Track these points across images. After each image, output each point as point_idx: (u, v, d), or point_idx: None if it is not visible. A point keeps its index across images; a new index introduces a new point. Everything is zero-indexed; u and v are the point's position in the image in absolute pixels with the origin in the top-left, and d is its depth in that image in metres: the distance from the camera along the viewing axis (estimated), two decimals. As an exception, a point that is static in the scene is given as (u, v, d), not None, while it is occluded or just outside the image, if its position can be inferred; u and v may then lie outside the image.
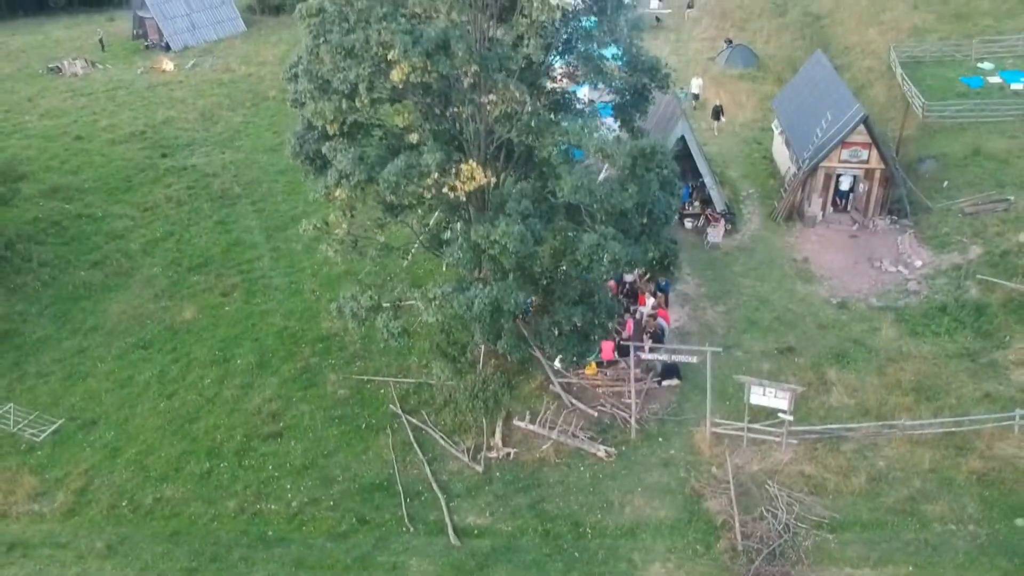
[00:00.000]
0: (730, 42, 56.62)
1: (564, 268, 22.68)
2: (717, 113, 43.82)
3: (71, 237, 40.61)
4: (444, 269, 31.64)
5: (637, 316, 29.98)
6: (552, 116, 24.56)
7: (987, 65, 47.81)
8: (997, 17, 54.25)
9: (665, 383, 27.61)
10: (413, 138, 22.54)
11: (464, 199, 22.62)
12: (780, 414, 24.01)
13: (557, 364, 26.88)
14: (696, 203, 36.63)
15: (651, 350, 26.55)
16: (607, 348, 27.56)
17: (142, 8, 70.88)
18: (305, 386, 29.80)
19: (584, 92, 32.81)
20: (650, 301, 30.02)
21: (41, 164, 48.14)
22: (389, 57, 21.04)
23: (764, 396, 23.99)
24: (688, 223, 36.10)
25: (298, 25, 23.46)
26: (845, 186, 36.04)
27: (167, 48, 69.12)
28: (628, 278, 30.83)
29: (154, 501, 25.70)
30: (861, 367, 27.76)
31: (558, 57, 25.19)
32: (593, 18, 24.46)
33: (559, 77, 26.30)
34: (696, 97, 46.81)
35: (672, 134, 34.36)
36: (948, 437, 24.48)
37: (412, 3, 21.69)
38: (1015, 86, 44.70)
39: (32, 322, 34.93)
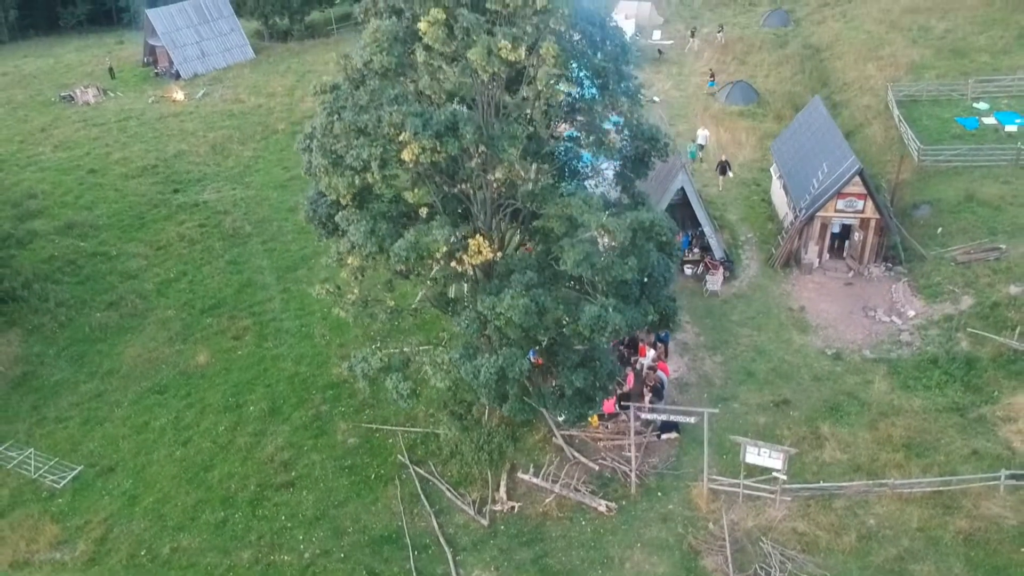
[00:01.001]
0: (713, 75, 57.61)
1: (567, 334, 23.62)
2: (723, 168, 44.03)
3: (86, 276, 41.70)
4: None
5: (638, 367, 30.98)
6: (556, 180, 25.67)
7: (982, 105, 48.75)
8: (993, 54, 55.25)
9: (664, 437, 28.59)
10: (423, 211, 23.55)
11: (471, 272, 23.62)
12: (774, 473, 24.96)
13: (560, 417, 27.85)
14: (696, 250, 37.58)
15: (651, 408, 27.43)
16: (608, 402, 28.52)
17: (152, 36, 72.07)
18: (316, 434, 30.79)
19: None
20: (650, 353, 31.01)
21: (56, 199, 49.37)
22: (400, 138, 22.04)
23: (759, 456, 24.94)
24: (688, 270, 37.06)
25: (312, 101, 24.43)
26: (837, 229, 37.13)
27: (177, 76, 70.31)
28: (629, 329, 31.74)
29: (171, 551, 26.68)
30: (854, 421, 28.69)
31: (563, 123, 26.17)
32: (594, 89, 25.46)
33: (562, 136, 27.24)
34: (701, 148, 46.79)
35: (672, 184, 35.34)
36: (936, 495, 25.39)
37: (422, 85, 22.69)
38: (1009, 128, 45.66)
39: (50, 364, 36.00)
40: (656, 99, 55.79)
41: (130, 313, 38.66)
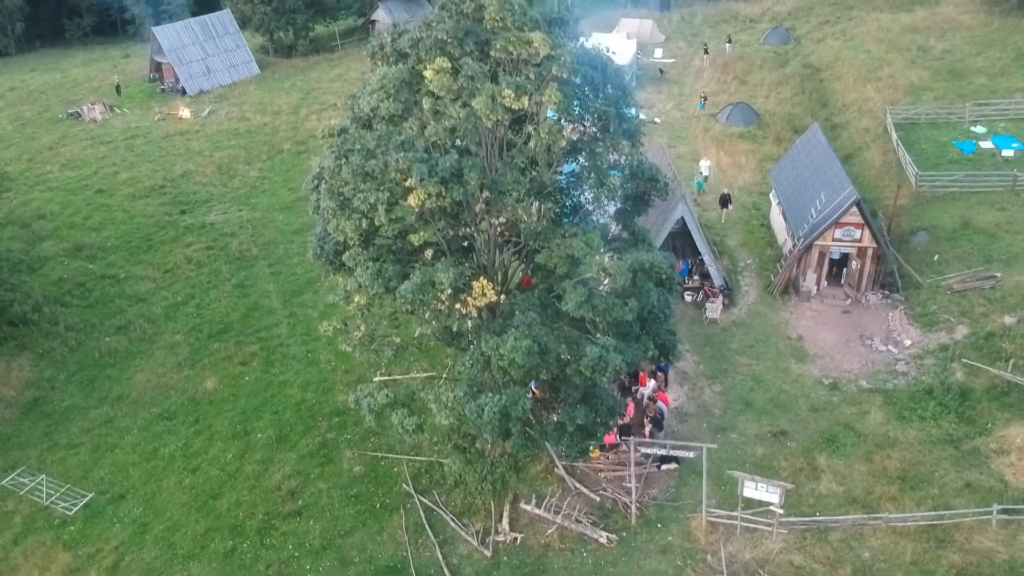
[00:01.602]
0: (704, 97, 58.12)
1: (568, 372, 24.21)
2: (725, 201, 43.97)
3: (95, 300, 42.37)
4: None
5: (638, 396, 31.58)
6: (557, 215, 26.33)
7: (980, 129, 49.37)
8: (991, 76, 55.88)
9: (664, 467, 29.17)
10: (428, 253, 24.17)
11: (476, 315, 24.24)
12: (771, 507, 25.53)
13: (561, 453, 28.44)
14: (696, 277, 38.18)
15: (651, 442, 28.01)
16: (609, 433, 29.09)
17: (158, 53, 72.81)
18: (322, 462, 31.38)
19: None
20: (651, 383, 31.59)
21: (64, 220, 50.09)
22: (407, 183, 22.66)
23: (756, 490, 25.49)
24: (688, 296, 37.65)
25: (320, 144, 25.07)
26: (835, 256, 37.74)
27: (183, 92, 71.07)
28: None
29: (181, 581, 27.31)
30: (850, 453, 29.27)
31: (566, 163, 26.79)
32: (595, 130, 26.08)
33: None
34: (705, 178, 46.63)
35: (672, 214, 35.94)
36: (929, 529, 25.95)
37: (428, 133, 23.31)
38: (1006, 152, 46.27)
39: (60, 389, 36.65)
40: (657, 120, 56.45)
41: (139, 338, 39.29)
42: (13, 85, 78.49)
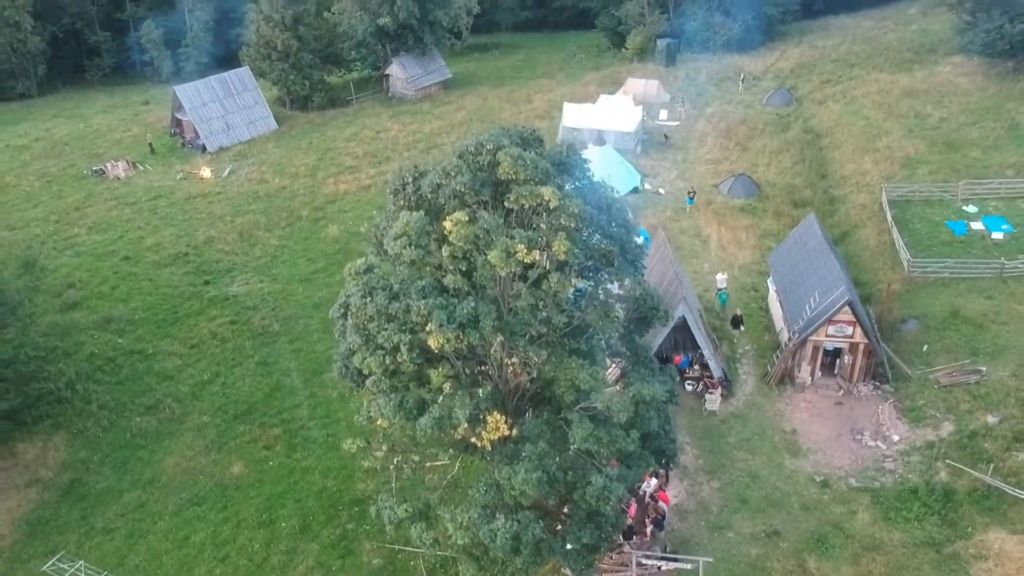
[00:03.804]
0: (693, 193, 56.54)
1: (575, 498, 26.28)
2: (737, 322, 43.83)
3: (125, 376, 44.62)
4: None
5: (640, 493, 33.59)
6: (566, 343, 28.38)
7: (971, 208, 51.36)
8: (984, 149, 57.87)
9: (664, 568, 31.18)
10: (446, 387, 26.29)
11: (489, 447, 26.34)
12: (762, 618, 27.55)
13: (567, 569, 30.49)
14: (696, 367, 40.21)
15: (651, 546, 30.03)
16: (613, 534, 31.12)
17: (179, 110, 75.26)
18: (343, 554, 33.51)
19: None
20: (652, 481, 33.61)
21: (93, 288, 52.43)
22: (427, 328, 24.81)
23: (748, 601, 27.50)
24: (688, 386, 39.66)
25: (347, 281, 27.21)
26: (829, 348, 39.69)
27: (203, 149, 73.43)
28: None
29: (214, 676, 29.40)
30: (838, 555, 31.23)
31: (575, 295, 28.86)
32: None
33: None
34: (723, 291, 46.25)
35: (674, 313, 37.93)
36: (910, 637, 27.94)
37: (447, 282, 25.47)
38: (996, 235, 48.23)
39: (95, 471, 38.89)
40: (661, 191, 58.56)
41: (168, 418, 41.51)
42: (38, 135, 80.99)
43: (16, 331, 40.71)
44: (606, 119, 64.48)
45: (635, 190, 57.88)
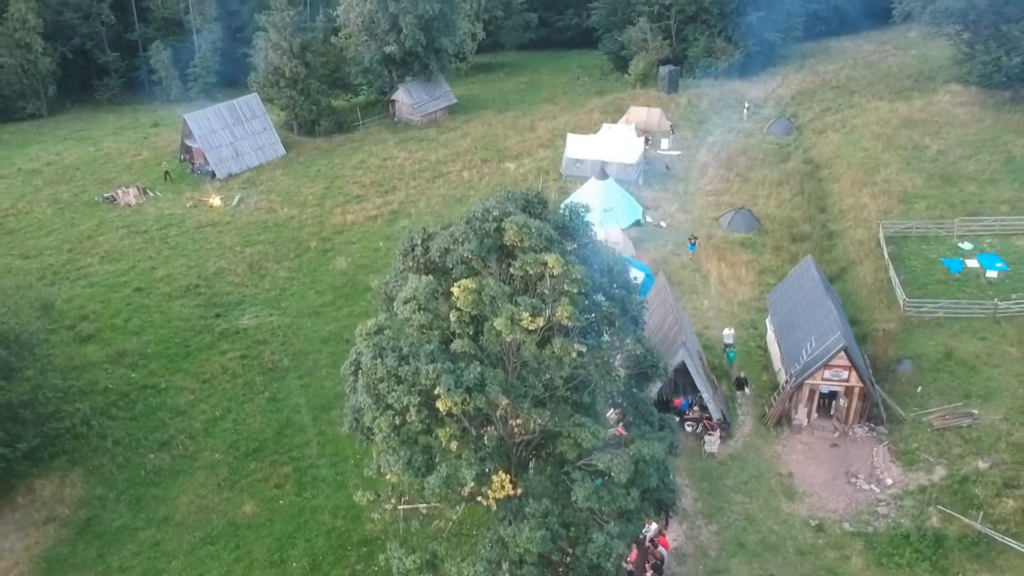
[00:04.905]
0: (694, 239, 55.91)
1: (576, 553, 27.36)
2: (741, 384, 43.87)
3: (139, 412, 45.72)
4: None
5: (640, 536, 34.60)
6: (569, 397, 29.46)
7: (967, 245, 52.39)
8: (981, 184, 58.91)
9: (663, 614, 32.27)
10: (453, 446, 27.39)
11: (495, 507, 27.43)
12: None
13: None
14: (695, 408, 41.29)
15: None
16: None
17: (189, 137, 76.52)
18: (352, 596, 34.60)
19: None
20: (653, 525, 34.65)
21: (106, 321, 53.54)
22: (435, 391, 25.92)
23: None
24: (688, 427, 40.73)
25: (357, 340, 28.32)
26: (825, 390, 40.76)
27: (213, 176, 74.65)
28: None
29: None
30: (831, 601, 32.33)
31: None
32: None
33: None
34: (727, 348, 46.45)
35: (673, 359, 39.01)
36: None
37: (454, 347, 26.59)
38: (990, 274, 49.25)
39: (111, 509, 39.94)
40: (663, 224, 59.67)
41: (181, 455, 42.58)
42: (49, 159, 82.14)
43: (35, 371, 41.76)
44: (609, 151, 65.64)
45: (637, 223, 59.01)
